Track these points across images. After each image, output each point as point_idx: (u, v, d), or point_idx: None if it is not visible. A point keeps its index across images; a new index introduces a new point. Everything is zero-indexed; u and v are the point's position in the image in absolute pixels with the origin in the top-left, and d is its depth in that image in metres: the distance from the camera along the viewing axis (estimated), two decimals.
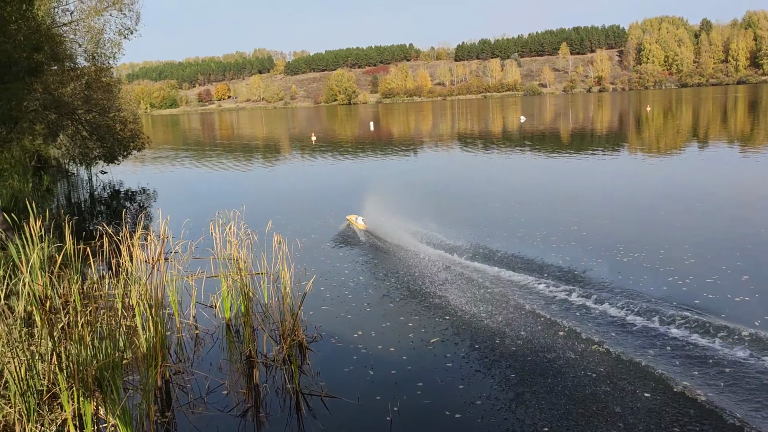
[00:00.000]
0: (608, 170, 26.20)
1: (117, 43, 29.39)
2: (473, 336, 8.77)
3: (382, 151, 40.43)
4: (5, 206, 17.15)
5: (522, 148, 37.81)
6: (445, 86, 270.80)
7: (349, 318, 9.77)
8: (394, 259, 13.08)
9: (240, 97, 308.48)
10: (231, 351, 8.80)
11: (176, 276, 9.84)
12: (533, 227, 15.37)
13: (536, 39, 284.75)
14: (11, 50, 15.33)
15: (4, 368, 6.56)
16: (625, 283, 10.67)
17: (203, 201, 22.30)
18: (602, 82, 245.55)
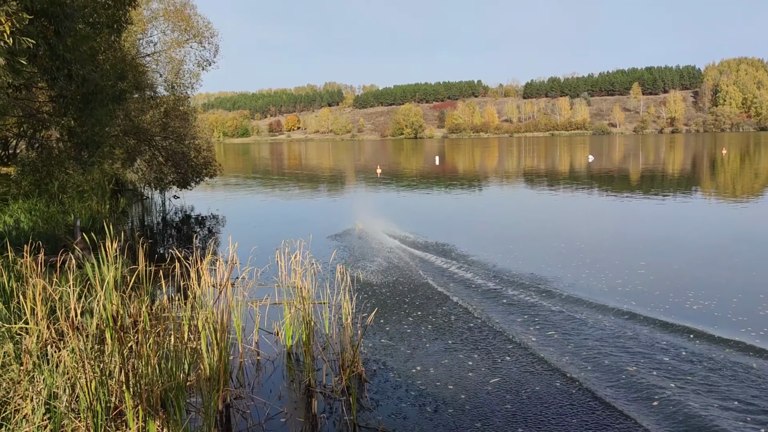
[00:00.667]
0: (680, 213, 25.42)
1: (195, 74, 30.66)
2: (533, 380, 8.59)
3: (447, 185, 40.43)
4: (84, 226, 17.94)
5: (589, 187, 37.15)
6: (512, 123, 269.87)
7: (408, 352, 9.73)
8: (454, 294, 12.99)
9: (309, 129, 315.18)
10: (291, 379, 8.89)
11: (241, 301, 10.04)
12: (598, 268, 15.01)
13: (607, 78, 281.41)
14: (98, 79, 16.14)
15: (76, 382, 6.81)
16: (694, 335, 10.27)
17: (270, 228, 22.74)
18: (675, 123, 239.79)
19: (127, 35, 25.24)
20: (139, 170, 33.93)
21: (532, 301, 12.27)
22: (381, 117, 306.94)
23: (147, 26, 30.05)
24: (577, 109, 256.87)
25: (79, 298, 9.14)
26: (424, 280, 14.29)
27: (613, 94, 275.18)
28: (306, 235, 20.11)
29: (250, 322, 10.65)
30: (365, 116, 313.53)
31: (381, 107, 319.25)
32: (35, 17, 12.19)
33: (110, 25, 16.87)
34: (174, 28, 30.08)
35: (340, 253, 17.27)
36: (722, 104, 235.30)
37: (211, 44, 30.83)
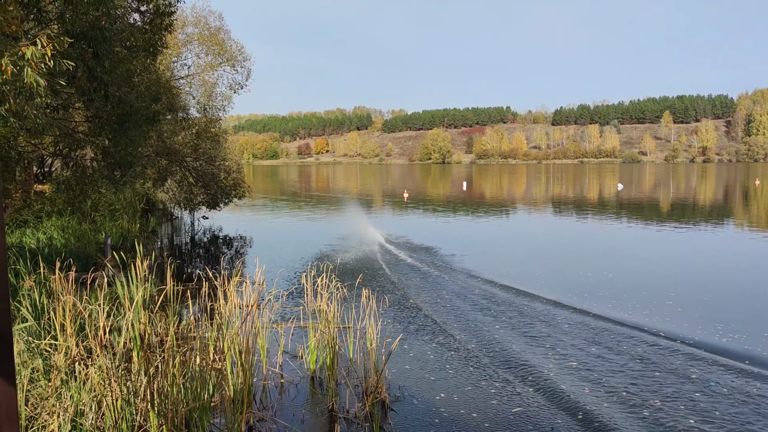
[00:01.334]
0: (710, 244, 25.00)
1: (227, 97, 31.21)
2: (557, 408, 8.47)
3: (474, 211, 40.33)
4: (114, 244, 18.22)
5: (618, 216, 36.76)
6: (540, 150, 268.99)
7: (432, 379, 9.66)
8: (478, 320, 12.89)
9: (337, 152, 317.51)
10: (314, 403, 8.87)
11: (267, 323, 10.08)
12: (626, 298, 14.80)
13: (637, 106, 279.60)
14: (133, 100, 16.52)
15: (102, 400, 6.89)
16: (724, 368, 10.04)
17: (297, 251, 22.84)
18: (707, 152, 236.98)
19: (162, 58, 25.80)
20: (170, 190, 34.45)
21: (548, 329, 12.13)
22: (409, 141, 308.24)
23: (182, 50, 30.72)
24: (606, 137, 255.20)
25: (108, 316, 9.26)
26: (449, 304, 14.21)
27: (644, 122, 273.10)
28: (333, 258, 20.24)
29: (275, 345, 10.68)
30: (393, 140, 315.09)
31: (409, 132, 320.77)
32: (75, 40, 12.55)
33: (146, 48, 17.30)
34: (208, 52, 30.70)
35: (366, 277, 17.27)
36: (755, 134, 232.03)
37: (244, 68, 31.40)
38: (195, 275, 16.18)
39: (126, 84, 16.05)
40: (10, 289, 8.88)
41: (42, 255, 13.97)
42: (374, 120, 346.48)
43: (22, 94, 9.75)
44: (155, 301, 10.28)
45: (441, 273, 18.12)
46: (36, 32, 11.01)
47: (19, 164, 21.17)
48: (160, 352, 8.48)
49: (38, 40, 9.54)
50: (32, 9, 11.62)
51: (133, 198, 28.25)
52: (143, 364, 7.36)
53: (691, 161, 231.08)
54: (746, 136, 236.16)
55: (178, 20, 27.80)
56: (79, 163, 24.48)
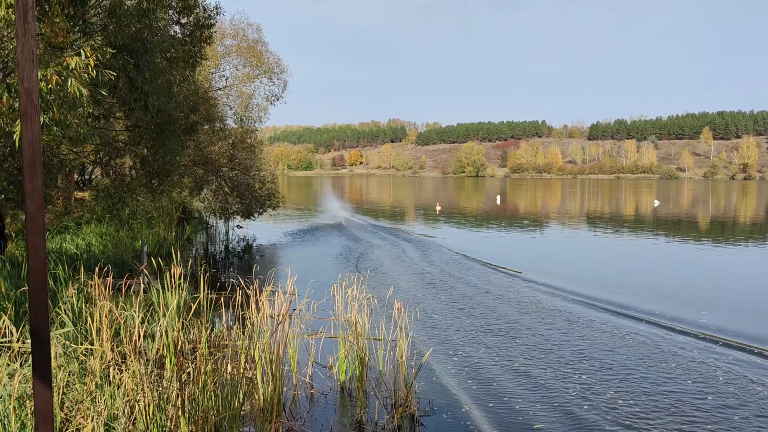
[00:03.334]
0: (749, 263, 24.45)
1: (264, 108, 31.59)
2: (574, 426, 8.34)
3: (507, 225, 40.07)
4: (150, 252, 18.54)
5: (654, 233, 36.17)
6: (576, 164, 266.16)
7: (460, 393, 9.59)
8: (508, 335, 12.78)
9: (371, 164, 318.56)
10: (343, 414, 8.87)
11: (298, 334, 10.13)
12: (659, 315, 14.55)
13: (676, 122, 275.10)
14: (173, 110, 16.85)
15: (135, 405, 6.99)
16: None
17: (329, 261, 22.96)
18: (748, 169, 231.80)
19: (201, 69, 26.27)
20: (206, 199, 34.94)
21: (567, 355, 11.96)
22: (443, 154, 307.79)
23: (220, 61, 31.23)
24: (643, 152, 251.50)
25: (142, 322, 9.41)
26: (480, 317, 14.12)
27: (682, 138, 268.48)
28: (363, 269, 20.28)
29: (305, 355, 10.71)
30: (427, 153, 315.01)
31: (443, 145, 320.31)
32: (117, 51, 12.86)
33: (186, 59, 17.65)
34: (246, 64, 31.16)
35: (397, 288, 17.27)
36: None
37: (281, 80, 31.79)
38: (228, 284, 16.34)
39: (165, 94, 16.39)
40: (50, 293, 9.09)
41: (81, 260, 14.28)
42: (408, 133, 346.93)
43: (66, 104, 10.01)
44: (189, 309, 10.41)
45: (469, 288, 18.03)
46: (81, 43, 11.32)
47: (61, 171, 21.71)
48: (192, 359, 8.59)
49: (82, 51, 9.79)
50: (78, 21, 11.94)
51: (169, 206, 28.72)
52: (175, 371, 7.45)
53: (731, 178, 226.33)
54: None
55: (217, 32, 28.28)
56: (119, 171, 25.01)
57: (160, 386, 7.70)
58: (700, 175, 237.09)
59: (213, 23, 18.24)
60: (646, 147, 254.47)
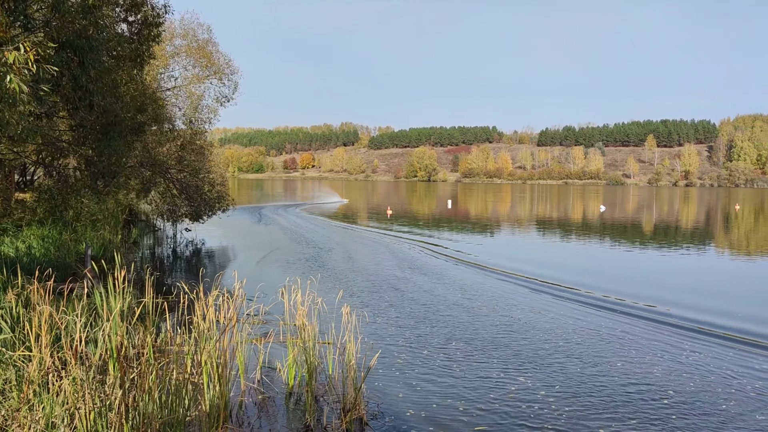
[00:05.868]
0: (688, 265, 25.25)
1: (214, 110, 31.17)
2: (515, 425, 8.47)
3: (458, 229, 40.40)
4: (95, 255, 18.05)
5: (599, 237, 37.01)
6: (525, 170, 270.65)
7: (407, 395, 9.62)
8: (456, 335, 12.89)
9: (323, 167, 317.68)
10: (291, 419, 8.78)
11: (245, 338, 10.00)
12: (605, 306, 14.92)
13: (622, 129, 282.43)
14: (119, 110, 16.45)
15: (75, 413, 6.78)
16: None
17: (278, 265, 22.77)
18: (689, 176, 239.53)
19: (149, 69, 25.76)
20: (153, 202, 34.24)
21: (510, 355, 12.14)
22: (395, 158, 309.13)
23: (169, 61, 30.69)
24: (591, 159, 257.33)
25: (84, 327, 9.14)
26: (430, 321, 14.20)
27: (628, 145, 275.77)
28: (314, 273, 20.19)
29: (254, 360, 10.59)
30: (379, 157, 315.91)
31: (395, 149, 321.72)
32: (60, 48, 12.50)
33: (133, 59, 17.28)
34: (195, 64, 30.70)
35: (346, 293, 17.24)
36: (737, 159, 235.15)
37: (231, 81, 31.42)
38: (175, 288, 16.05)
39: (111, 94, 15.98)
40: None
41: (20, 264, 13.81)
42: (361, 136, 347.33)
43: (4, 101, 9.67)
44: (134, 313, 10.16)
45: (429, 285, 18.12)
46: (21, 39, 10.96)
47: (0, 172, 20.96)
48: (136, 364, 8.38)
49: (21, 45, 9.48)
50: (19, 16, 11.57)
51: (115, 208, 28.03)
52: (118, 377, 7.26)
53: (673, 185, 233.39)
54: (727, 162, 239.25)
55: (166, 32, 27.78)
56: (62, 172, 24.30)
57: (102, 393, 7.49)
58: (645, 181, 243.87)
59: (161, 22, 17.88)
60: (593, 153, 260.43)
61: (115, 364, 8.41)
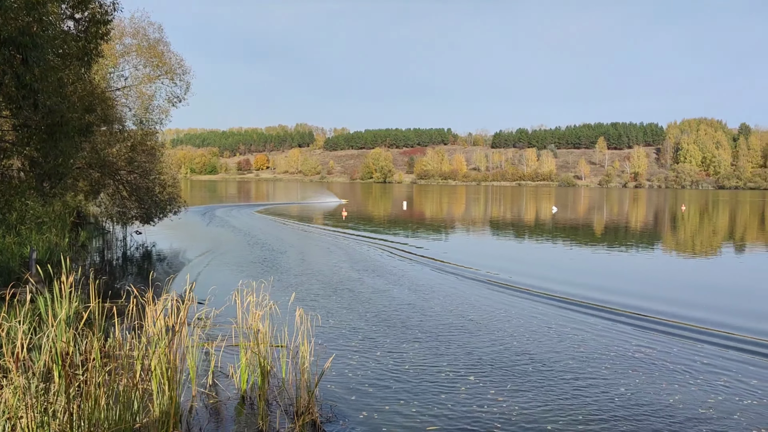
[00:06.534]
0: (637, 263, 25.87)
1: (165, 110, 30.60)
2: (465, 425, 8.55)
3: (413, 230, 40.54)
4: (40, 259, 17.53)
5: (552, 237, 37.63)
6: (480, 172, 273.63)
7: (360, 397, 9.60)
8: (414, 336, 12.93)
9: (278, 169, 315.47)
10: (243, 424, 8.67)
11: (197, 342, 9.84)
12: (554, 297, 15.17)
13: (573, 132, 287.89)
14: (65, 110, 15.99)
15: (16, 422, 6.55)
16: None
17: (231, 268, 22.49)
18: (638, 178, 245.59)
19: (97, 68, 25.15)
20: (102, 204, 33.44)
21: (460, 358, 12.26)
22: (351, 160, 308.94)
23: (119, 60, 30.02)
24: (543, 161, 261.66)
25: (27, 334, 8.86)
26: (383, 325, 14.21)
27: (580, 147, 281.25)
28: (267, 275, 20.00)
29: (205, 364, 10.43)
30: (335, 158, 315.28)
31: (351, 150, 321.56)
32: (2, 45, 12.11)
33: (80, 57, 16.81)
34: (146, 64, 30.10)
35: (300, 295, 17.14)
36: (683, 162, 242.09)
37: (183, 81, 30.89)
38: (124, 292, 15.70)
39: (57, 93, 15.52)
40: None
41: None
42: (316, 138, 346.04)
43: None
44: (80, 318, 9.89)
45: (383, 285, 18.13)
46: None
47: None
48: (83, 371, 8.16)
49: None
50: None
51: (62, 211, 27.30)
52: (64, 384, 7.06)
53: (623, 186, 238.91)
54: (674, 164, 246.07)
55: (116, 30, 27.18)
56: (5, 173, 23.51)
57: (46, 401, 7.27)
58: (596, 182, 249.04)
59: (110, 19, 17.43)
60: (545, 155, 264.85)
61: (60, 371, 8.18)
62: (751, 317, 16.13)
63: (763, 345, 13.28)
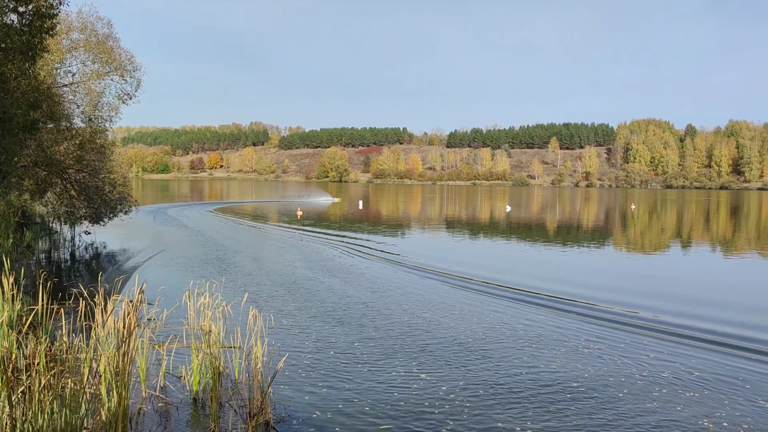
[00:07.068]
0: (588, 260, 26.40)
1: (115, 107, 29.90)
2: (417, 422, 8.61)
3: (369, 229, 40.56)
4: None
5: (506, 235, 38.11)
6: (435, 171, 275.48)
7: (314, 397, 9.55)
8: (366, 335, 12.93)
9: (232, 167, 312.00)
10: (194, 426, 8.53)
11: (147, 344, 9.64)
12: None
13: (527, 132, 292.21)
14: (8, 106, 15.52)
15: None
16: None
17: (183, 268, 22.13)
18: (590, 177, 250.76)
19: (43, 63, 24.42)
20: (49, 203, 32.52)
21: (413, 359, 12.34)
22: (306, 159, 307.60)
23: (66, 56, 29.18)
24: (498, 161, 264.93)
25: None
26: (337, 325, 14.17)
27: (533, 147, 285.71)
28: (221, 275, 19.77)
29: (156, 366, 10.23)
30: (290, 157, 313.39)
31: (307, 149, 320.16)
32: None
33: (24, 51, 16.32)
34: (95, 60, 29.33)
35: (253, 295, 16.96)
36: (633, 162, 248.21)
37: (134, 78, 30.19)
38: (71, 293, 15.29)
39: (0, 88, 15.05)
40: None
41: None
42: (271, 136, 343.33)
43: None
44: (24, 321, 9.60)
45: (337, 284, 18.07)
46: None
47: None
48: (27, 375, 7.91)
49: None
50: None
51: (6, 211, 26.42)
52: (5, 390, 6.83)
53: (575, 185, 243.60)
54: (625, 163, 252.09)
55: (62, 24, 26.41)
56: None
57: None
58: (549, 182, 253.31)
59: (56, 13, 16.93)
60: (500, 155, 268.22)
61: (2, 376, 7.91)
62: (689, 307, 16.71)
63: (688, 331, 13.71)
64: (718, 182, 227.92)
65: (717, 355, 12.44)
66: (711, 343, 13.32)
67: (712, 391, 10.25)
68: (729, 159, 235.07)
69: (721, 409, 9.45)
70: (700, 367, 11.56)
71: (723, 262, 28.94)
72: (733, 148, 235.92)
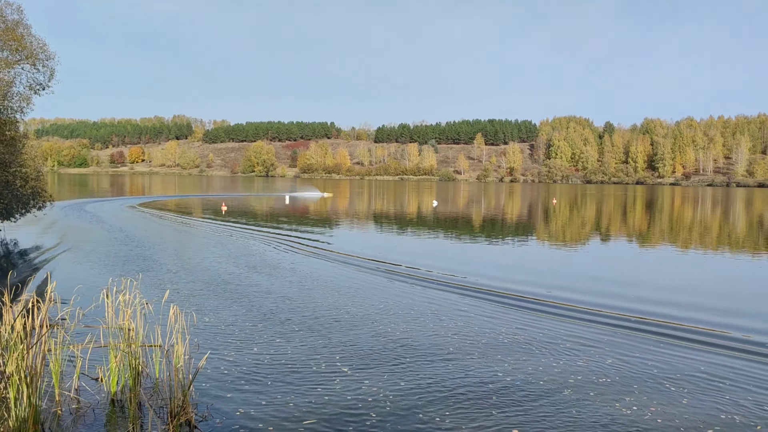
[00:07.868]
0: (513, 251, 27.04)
1: (26, 98, 28.51)
2: (341, 419, 8.63)
3: (295, 223, 40.23)
4: None
5: (433, 229, 38.57)
6: (363, 166, 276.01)
7: (236, 395, 9.39)
8: (286, 335, 12.83)
9: (154, 162, 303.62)
10: (113, 428, 8.24)
11: (60, 344, 9.24)
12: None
13: (453, 128, 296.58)
14: None
15: None
16: None
17: (100, 266, 21.34)
18: (514, 173, 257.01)
19: None
20: None
21: (336, 355, 12.37)
22: (232, 153, 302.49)
23: None
24: (425, 156, 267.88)
25: None
26: (260, 321, 14.00)
27: (459, 143, 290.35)
28: (141, 272, 19.20)
29: (71, 367, 9.83)
30: (215, 151, 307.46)
31: (232, 143, 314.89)
32: None
33: None
34: (3, 47, 27.85)
35: (175, 292, 16.55)
36: (554, 157, 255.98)
37: (47, 67, 28.81)
38: None
39: None
40: None
41: None
42: (195, 130, 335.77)
43: None
44: None
45: (261, 280, 17.83)
46: None
47: None
48: None
49: None
50: None
51: None
52: None
53: (500, 180, 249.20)
54: (547, 159, 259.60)
55: None
56: None
57: None
58: (474, 177, 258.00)
59: None
60: (427, 150, 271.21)
61: None
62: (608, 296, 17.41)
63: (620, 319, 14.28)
64: (634, 177, 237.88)
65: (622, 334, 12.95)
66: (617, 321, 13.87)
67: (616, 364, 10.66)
68: (644, 155, 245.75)
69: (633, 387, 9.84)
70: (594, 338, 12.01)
71: (638, 252, 30.20)
72: (648, 145, 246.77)
